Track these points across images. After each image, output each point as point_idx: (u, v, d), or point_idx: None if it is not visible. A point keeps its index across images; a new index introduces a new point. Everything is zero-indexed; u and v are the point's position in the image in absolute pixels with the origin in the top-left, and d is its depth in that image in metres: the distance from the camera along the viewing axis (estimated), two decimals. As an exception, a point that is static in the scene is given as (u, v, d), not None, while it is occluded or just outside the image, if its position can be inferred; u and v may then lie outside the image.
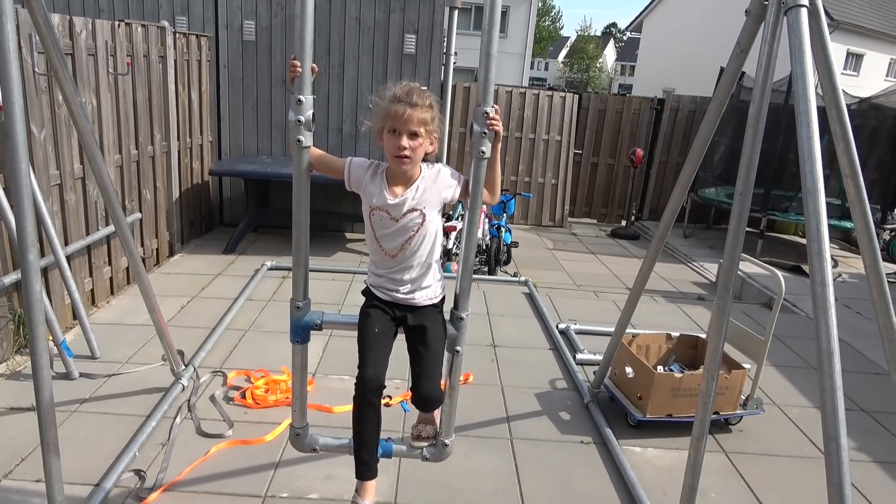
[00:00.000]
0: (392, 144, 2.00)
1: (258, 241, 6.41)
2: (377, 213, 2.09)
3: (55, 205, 3.90)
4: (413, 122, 1.97)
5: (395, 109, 1.97)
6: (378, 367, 2.13)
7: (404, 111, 1.96)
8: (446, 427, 2.35)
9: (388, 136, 2.01)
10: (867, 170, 7.19)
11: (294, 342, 2.19)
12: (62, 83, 2.43)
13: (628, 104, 8.84)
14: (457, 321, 2.20)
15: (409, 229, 2.09)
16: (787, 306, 5.57)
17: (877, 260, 2.06)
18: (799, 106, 1.76)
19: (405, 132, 1.97)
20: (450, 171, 2.15)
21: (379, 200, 2.07)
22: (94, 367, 3.58)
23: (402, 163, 2.02)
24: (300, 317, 2.15)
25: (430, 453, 2.39)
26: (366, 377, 2.11)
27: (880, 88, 8.40)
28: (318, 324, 2.17)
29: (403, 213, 2.07)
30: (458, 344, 2.22)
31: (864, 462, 3.25)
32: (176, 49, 5.50)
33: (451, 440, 2.38)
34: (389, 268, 2.16)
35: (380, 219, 2.09)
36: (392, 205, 2.06)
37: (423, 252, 2.13)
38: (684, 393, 3.27)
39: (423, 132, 2.00)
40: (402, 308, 2.21)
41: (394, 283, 2.18)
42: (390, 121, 1.99)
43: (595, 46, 56.38)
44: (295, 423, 2.36)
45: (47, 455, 2.12)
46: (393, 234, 2.10)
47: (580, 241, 7.92)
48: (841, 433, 1.59)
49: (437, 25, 6.48)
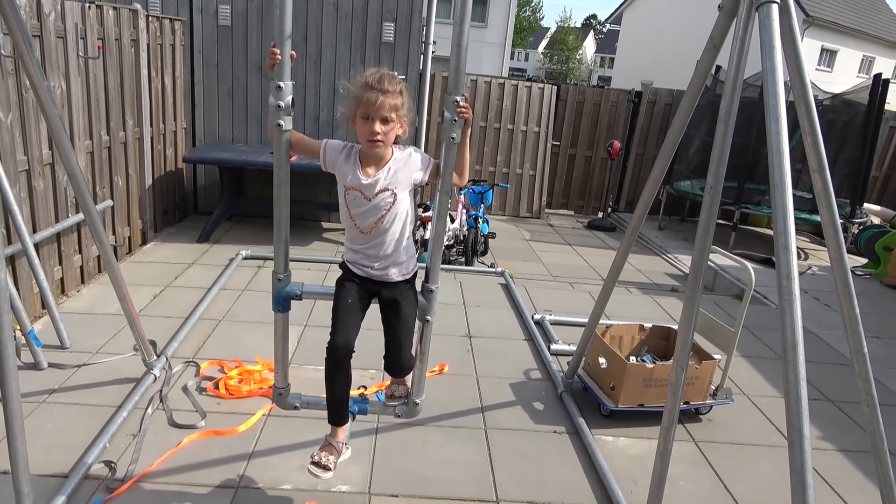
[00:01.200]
0: (365, 130, 2.11)
1: (233, 230, 6.34)
2: (351, 192, 2.21)
3: (23, 191, 3.82)
4: (385, 108, 2.07)
5: (367, 96, 2.07)
6: (348, 334, 2.26)
7: (376, 98, 2.06)
8: (417, 388, 2.53)
9: (360, 121, 2.12)
10: (838, 165, 7.34)
11: (276, 311, 2.36)
12: (28, 66, 2.37)
13: (606, 96, 8.88)
14: (427, 293, 2.35)
15: (382, 208, 2.21)
16: (758, 298, 5.67)
17: (842, 253, 2.10)
18: (768, 100, 1.79)
19: (378, 118, 2.09)
20: (420, 155, 2.28)
21: (353, 181, 2.20)
22: (64, 357, 3.53)
23: (374, 146, 2.14)
24: (282, 288, 2.33)
25: (402, 411, 2.58)
26: (336, 343, 2.25)
27: (853, 84, 8.54)
28: (298, 294, 2.36)
29: (376, 193, 2.20)
30: (429, 314, 2.38)
31: (829, 451, 3.33)
32: (149, 33, 5.39)
33: (421, 399, 2.56)
34: (364, 244, 2.28)
35: (354, 198, 2.22)
36: (365, 185, 2.19)
37: (395, 230, 2.26)
38: (656, 383, 3.32)
39: (394, 117, 2.11)
40: (376, 283, 2.34)
41: (368, 259, 2.30)
42: (363, 107, 2.09)
43: (575, 38, 56.47)
44: (278, 383, 2.53)
45: (13, 446, 2.08)
46: (366, 212, 2.22)
47: (557, 233, 7.97)
48: (804, 422, 1.62)
49: (415, 14, 6.43)
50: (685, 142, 8.13)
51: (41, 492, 2.43)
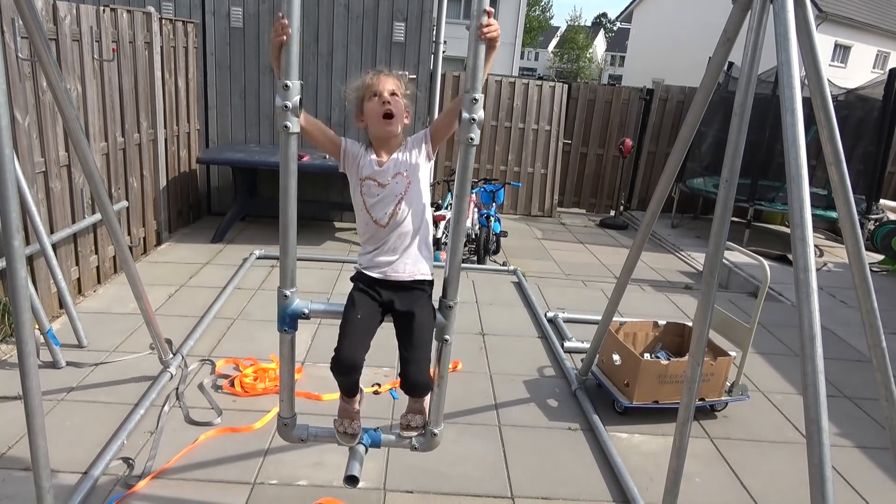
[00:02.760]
0: (375, 105, 2.12)
1: (246, 230, 6.38)
2: (366, 182, 2.17)
3: (40, 192, 3.87)
4: (390, 82, 2.14)
5: (369, 79, 2.15)
6: (355, 351, 2.13)
7: (378, 77, 2.15)
8: (435, 416, 2.34)
9: (368, 103, 2.14)
10: (853, 160, 7.27)
11: (281, 331, 2.17)
12: (46, 68, 2.40)
13: (617, 94, 8.85)
14: (445, 309, 2.19)
15: (396, 194, 2.15)
16: (773, 295, 5.62)
17: (859, 248, 2.08)
18: (784, 93, 1.78)
19: (385, 90, 2.12)
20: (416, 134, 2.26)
21: (367, 170, 2.17)
22: (82, 356, 3.57)
23: (388, 123, 2.13)
24: (287, 305, 2.13)
25: (419, 443, 2.37)
26: (340, 358, 2.12)
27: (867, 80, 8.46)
28: (305, 313, 2.16)
29: (390, 178, 2.16)
30: (447, 333, 2.21)
31: (846, 447, 3.30)
32: (162, 35, 5.44)
33: (439, 429, 2.36)
34: (381, 240, 2.19)
35: (368, 188, 2.17)
36: (379, 171, 2.16)
37: (413, 220, 2.18)
38: (670, 380, 3.30)
39: (399, 94, 2.15)
40: (391, 288, 2.20)
41: (386, 255, 2.19)
42: (368, 90, 2.14)
43: (585, 36, 56.25)
44: (283, 413, 2.33)
45: (34, 443, 2.11)
46: (381, 201, 2.16)
47: (569, 231, 7.94)
48: (822, 416, 1.61)
49: (426, 13, 6.44)
50: (697, 139, 8.06)
51: (61, 487, 2.46)
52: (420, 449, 2.39)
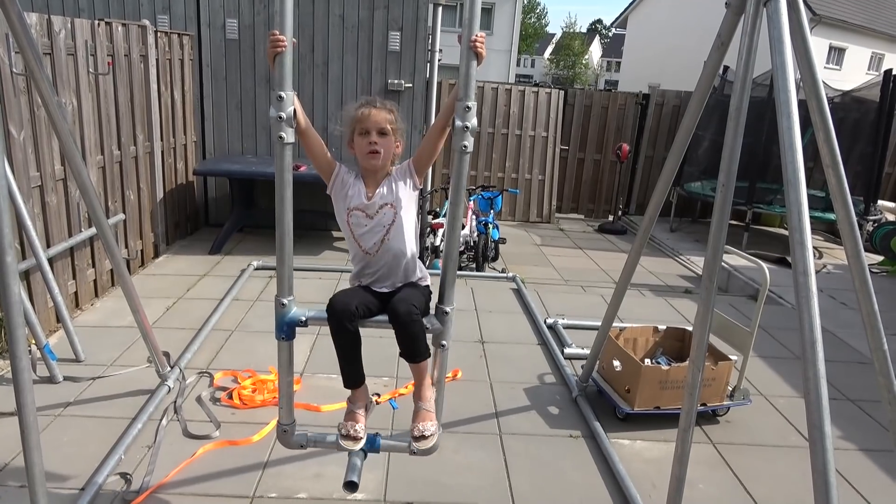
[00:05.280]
0: (363, 143, 2.18)
1: (244, 242, 6.37)
2: (354, 213, 2.23)
3: (36, 207, 3.85)
4: (380, 120, 2.17)
5: (361, 112, 2.18)
6: (349, 300, 2.15)
7: (369, 112, 2.17)
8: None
9: (358, 138, 2.19)
10: (850, 162, 7.27)
11: (279, 339, 2.20)
12: (38, 83, 2.39)
13: (614, 99, 8.87)
14: (441, 315, 2.20)
15: (384, 225, 2.21)
16: (773, 298, 5.61)
17: (858, 249, 2.07)
18: (779, 97, 1.77)
19: (373, 129, 2.17)
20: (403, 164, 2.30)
21: (356, 201, 2.22)
22: (79, 370, 3.55)
23: (373, 158, 2.18)
24: (285, 314, 2.17)
25: (417, 448, 2.33)
26: (335, 304, 2.14)
27: (863, 81, 8.48)
28: (302, 320, 2.19)
29: (377, 210, 2.21)
30: (444, 338, 2.22)
31: (850, 451, 3.28)
32: (158, 48, 5.45)
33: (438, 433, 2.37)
34: (372, 266, 2.26)
35: (357, 219, 2.23)
36: (367, 203, 2.21)
37: (401, 246, 2.23)
38: (672, 385, 3.28)
39: (389, 129, 2.19)
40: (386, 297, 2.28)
41: (379, 280, 2.28)
42: (359, 124, 2.18)
43: (581, 43, 56.51)
44: (282, 419, 2.36)
45: (30, 458, 2.09)
46: (369, 231, 2.22)
47: (568, 237, 7.94)
48: (825, 421, 1.60)
49: (421, 22, 6.46)
50: (695, 143, 8.09)
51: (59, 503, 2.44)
52: (419, 454, 2.35)
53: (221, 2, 6.23)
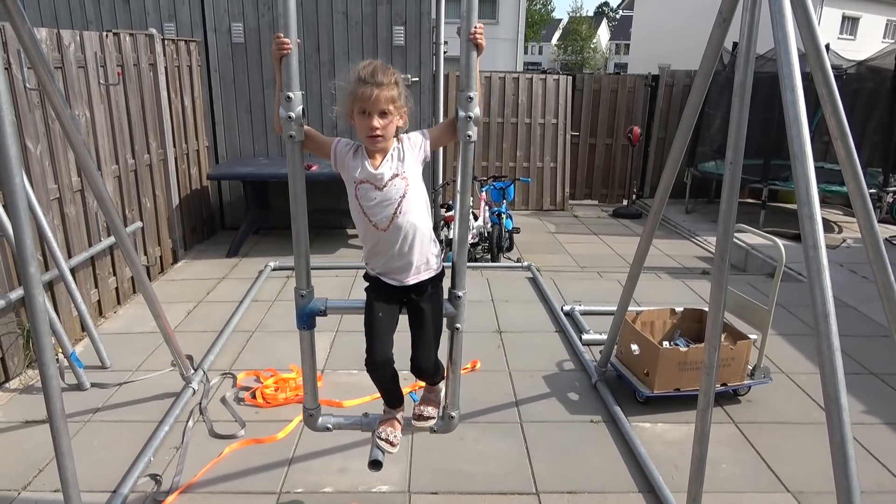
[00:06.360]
0: (363, 125, 2.05)
1: (260, 243, 6.43)
2: (362, 186, 2.12)
3: (56, 218, 3.93)
4: (381, 101, 2.02)
5: (361, 91, 2.01)
6: (385, 350, 2.24)
7: (371, 92, 2.00)
8: (451, 399, 2.43)
9: (358, 117, 2.06)
10: (868, 133, 7.14)
11: (301, 329, 2.29)
12: (51, 97, 2.45)
13: (623, 82, 8.79)
14: (454, 299, 2.27)
15: (395, 197, 2.11)
16: (791, 274, 5.55)
17: (871, 220, 2.05)
18: (782, 70, 1.76)
19: (375, 112, 2.03)
20: (414, 133, 2.20)
21: (363, 173, 2.11)
22: (105, 377, 3.62)
23: (375, 142, 2.08)
24: (305, 304, 2.26)
25: (438, 425, 2.48)
26: (374, 361, 2.24)
27: (878, 50, 8.30)
28: (322, 310, 2.28)
29: (387, 181, 2.11)
30: (458, 321, 2.30)
31: (874, 424, 3.25)
32: (166, 56, 5.51)
33: (457, 412, 2.46)
34: (385, 245, 2.16)
35: (365, 191, 2.12)
36: (375, 175, 2.10)
37: (414, 219, 2.14)
38: (691, 366, 3.28)
39: (391, 109, 2.05)
40: (404, 290, 2.26)
41: (394, 260, 2.19)
42: (359, 103, 2.03)
43: (588, 27, 55.94)
44: (307, 404, 2.45)
45: (62, 464, 2.15)
46: (379, 204, 2.11)
47: (582, 223, 7.91)
48: (841, 393, 1.59)
49: (424, 16, 6.45)
50: (706, 122, 8.00)
51: (92, 507, 2.50)
52: (439, 431, 2.49)
53: (226, 6, 6.28)
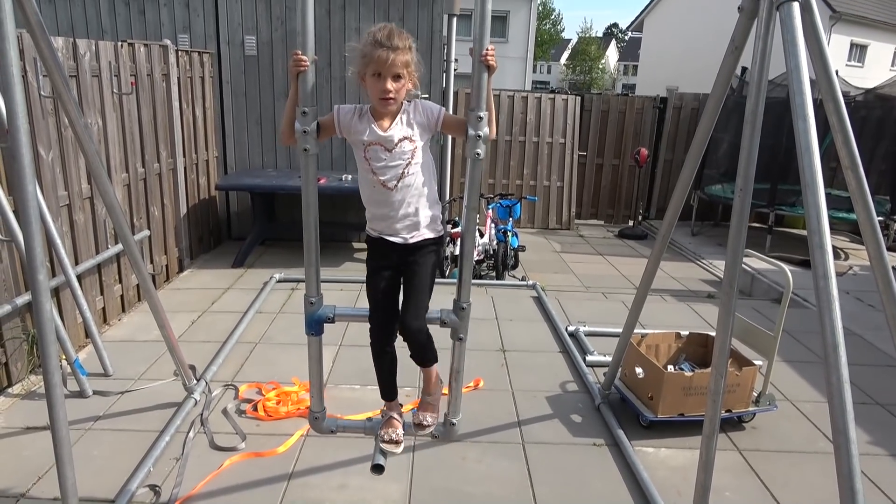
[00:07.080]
0: (377, 87, 2.08)
1: (266, 255, 6.45)
2: (371, 147, 2.16)
3: (64, 225, 3.95)
4: (396, 65, 2.05)
5: (378, 54, 2.04)
6: (388, 318, 2.31)
7: (387, 56, 2.04)
8: (453, 407, 2.46)
9: (371, 79, 2.09)
10: (875, 161, 7.15)
11: (309, 335, 2.35)
12: (66, 105, 2.47)
13: (631, 104, 8.83)
14: (459, 311, 2.31)
15: (403, 158, 2.16)
16: (798, 301, 5.53)
17: (881, 250, 2.05)
18: (794, 99, 1.76)
19: (389, 75, 2.06)
20: (430, 102, 2.24)
21: (371, 135, 2.15)
22: (108, 385, 3.62)
23: (387, 104, 2.11)
24: (314, 311, 2.32)
25: (439, 432, 2.51)
26: (376, 327, 2.34)
27: (886, 78, 8.34)
28: (330, 317, 2.34)
29: (396, 143, 2.15)
30: (461, 332, 2.34)
31: (880, 456, 3.22)
32: (179, 67, 5.56)
33: (457, 419, 2.49)
34: (392, 204, 2.21)
35: (375, 152, 2.16)
36: (384, 136, 2.14)
37: (420, 180, 2.20)
38: (695, 391, 3.25)
39: (405, 73, 2.09)
40: (406, 250, 2.28)
41: (399, 220, 2.24)
42: (374, 65, 2.06)
43: (597, 47, 56.33)
44: (314, 407, 2.52)
45: (62, 472, 2.14)
46: (388, 164, 2.17)
47: (588, 243, 7.91)
48: (849, 426, 1.58)
49: (436, 33, 6.51)
50: (714, 145, 8.02)
51: (90, 517, 2.49)
52: (440, 438, 2.54)
53: (240, 20, 6.35)
